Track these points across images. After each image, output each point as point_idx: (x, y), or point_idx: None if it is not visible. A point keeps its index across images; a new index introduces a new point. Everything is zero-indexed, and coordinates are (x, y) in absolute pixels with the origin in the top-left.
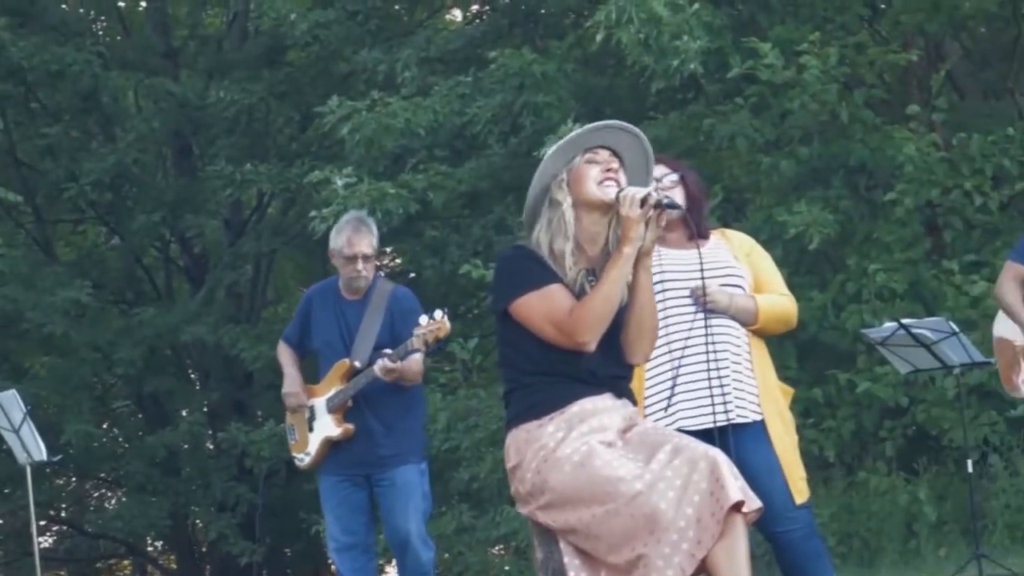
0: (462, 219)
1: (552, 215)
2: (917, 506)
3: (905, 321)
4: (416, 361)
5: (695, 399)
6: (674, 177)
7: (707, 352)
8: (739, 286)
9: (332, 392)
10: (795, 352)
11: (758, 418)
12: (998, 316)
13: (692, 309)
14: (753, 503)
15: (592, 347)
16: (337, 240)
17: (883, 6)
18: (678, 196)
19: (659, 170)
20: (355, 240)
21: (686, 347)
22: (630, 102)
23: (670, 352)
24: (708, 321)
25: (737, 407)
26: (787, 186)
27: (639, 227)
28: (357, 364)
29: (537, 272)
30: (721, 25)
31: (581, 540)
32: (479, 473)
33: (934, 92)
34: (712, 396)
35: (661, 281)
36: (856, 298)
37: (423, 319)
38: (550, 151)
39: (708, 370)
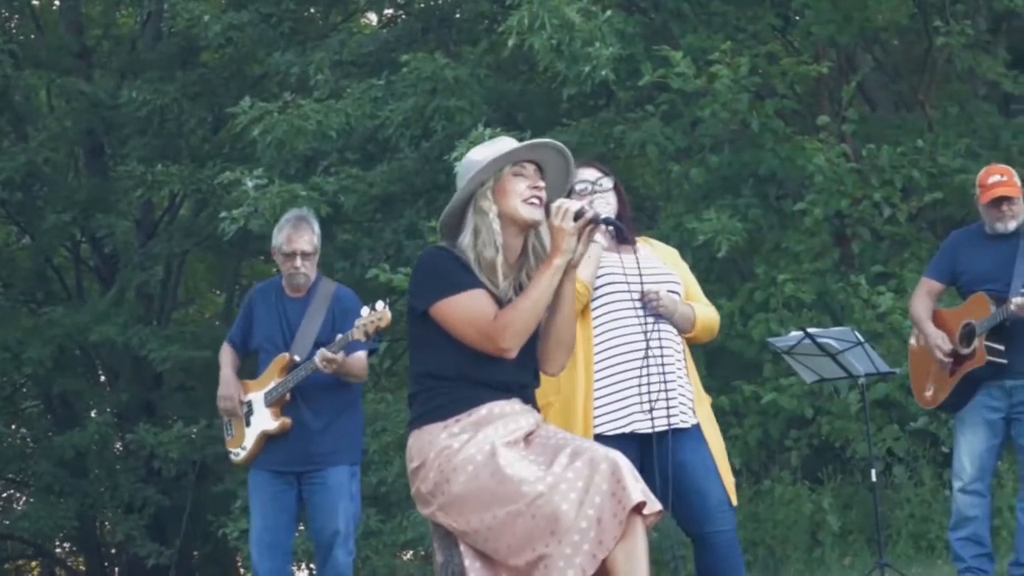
0: (374, 223)
1: (479, 223)
2: (822, 515)
3: (811, 330)
4: (360, 358)
5: (640, 403)
6: (609, 182)
7: (660, 356)
8: (679, 292)
9: (271, 386)
10: (703, 360)
11: (695, 422)
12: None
13: (638, 313)
14: (654, 505)
15: (514, 354)
16: (277, 237)
17: (795, 17)
18: (611, 200)
19: (592, 173)
20: (294, 237)
21: (647, 350)
22: (542, 108)
23: (623, 356)
24: (656, 326)
25: (680, 412)
26: (697, 194)
27: (571, 239)
28: (296, 358)
29: (462, 275)
30: (633, 32)
31: (482, 542)
32: (387, 477)
33: (844, 103)
34: (667, 399)
35: (608, 284)
36: (764, 307)
37: (364, 310)
38: (477, 158)
39: (654, 375)
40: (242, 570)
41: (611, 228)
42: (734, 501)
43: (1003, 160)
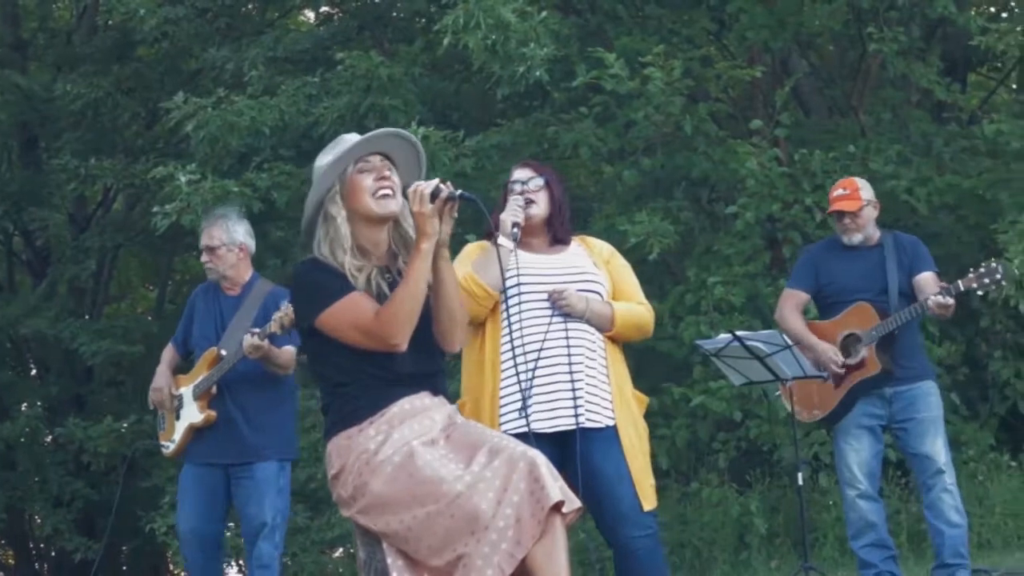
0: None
1: (328, 228)
2: (749, 518)
3: (739, 333)
4: (288, 351)
5: (549, 402)
6: (540, 181)
7: (567, 356)
8: (597, 292)
9: (199, 380)
10: (633, 361)
11: (610, 423)
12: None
13: (548, 313)
14: (573, 503)
15: (404, 346)
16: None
17: (730, 21)
18: (543, 200)
19: (524, 173)
20: (206, 232)
21: (542, 350)
22: (477, 107)
23: (526, 355)
24: (565, 325)
25: (588, 412)
26: (629, 196)
27: (432, 221)
28: (223, 352)
29: (334, 283)
30: (568, 34)
31: (402, 543)
32: (316, 474)
33: (777, 107)
34: (574, 399)
35: (518, 284)
36: (694, 310)
37: (283, 303)
38: (321, 164)
39: (562, 373)
40: (171, 566)
41: (516, 229)
42: (647, 506)
43: (935, 167)
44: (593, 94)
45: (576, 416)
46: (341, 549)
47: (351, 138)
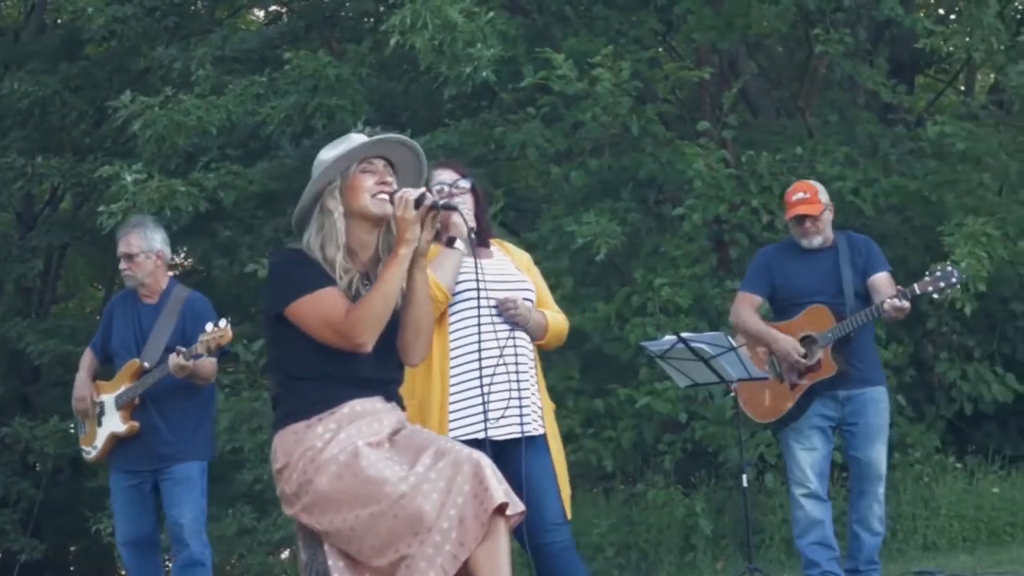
0: (255, 220)
1: (323, 221)
2: (694, 519)
3: (684, 335)
4: (210, 362)
5: (500, 410)
6: (465, 183)
7: (515, 364)
8: (532, 300)
9: (122, 390)
10: (578, 363)
11: (543, 431)
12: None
13: (498, 320)
14: (516, 506)
15: (369, 347)
16: None
17: (678, 22)
18: (468, 202)
19: (449, 175)
20: (123, 240)
21: (501, 356)
22: (425, 108)
23: (479, 363)
24: (512, 333)
25: (534, 419)
26: (576, 197)
27: (414, 228)
28: (146, 364)
29: (312, 275)
30: (516, 34)
31: (345, 543)
32: (262, 475)
33: (725, 109)
34: (520, 408)
35: (465, 291)
36: (641, 311)
37: (208, 326)
38: (325, 158)
39: (511, 382)
40: (117, 566)
41: (473, 234)
42: (569, 515)
43: (881, 168)
44: (541, 95)
45: (522, 424)
46: (288, 550)
47: (359, 137)
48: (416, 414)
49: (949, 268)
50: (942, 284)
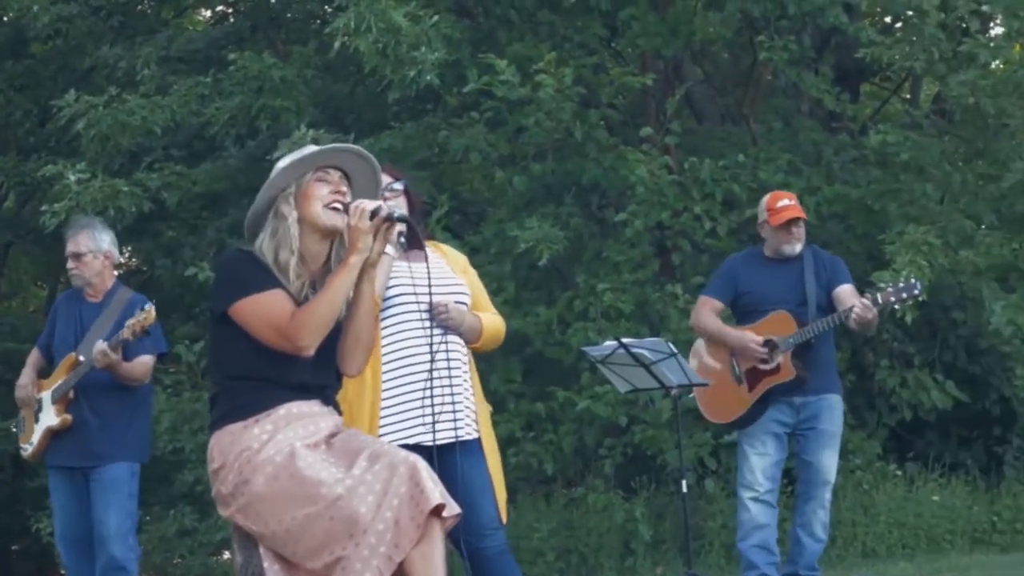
0: (199, 220)
1: (277, 226)
2: (634, 524)
3: (625, 340)
4: (142, 362)
5: (426, 415)
6: (398, 186)
7: (448, 368)
8: (465, 303)
9: (57, 384)
10: (520, 367)
11: (477, 435)
12: (695, 348)
13: (429, 324)
14: (452, 508)
15: (311, 351)
16: None
17: (622, 28)
18: (402, 205)
19: (383, 178)
20: (72, 239)
21: (433, 361)
22: (370, 110)
23: (410, 367)
24: (445, 337)
25: (465, 424)
26: (520, 201)
27: (367, 238)
28: (81, 358)
29: (260, 276)
30: (460, 38)
31: (280, 545)
32: (203, 476)
33: (668, 115)
34: (454, 412)
35: (397, 295)
36: (583, 316)
37: (138, 310)
38: (282, 163)
39: (444, 386)
40: (57, 565)
41: (402, 238)
42: (504, 519)
43: (824, 176)
44: (485, 99)
45: (456, 429)
46: (228, 552)
47: (314, 148)
48: (346, 418)
49: (912, 280)
50: (904, 295)
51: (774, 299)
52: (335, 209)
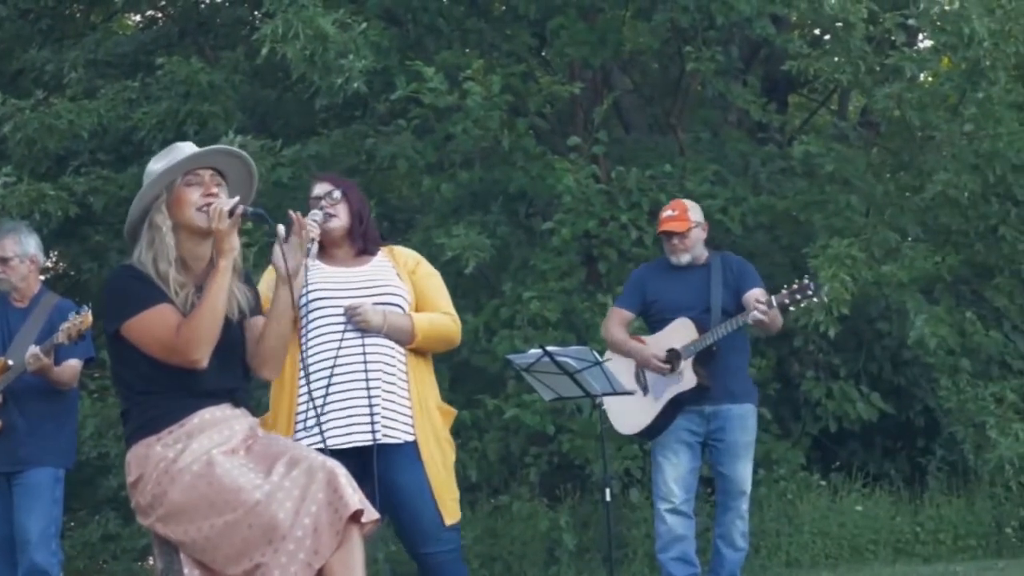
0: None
1: (152, 237)
2: (558, 532)
3: (549, 348)
4: (71, 366)
5: (345, 418)
6: (337, 194)
7: (364, 371)
8: (397, 305)
9: None
10: (448, 374)
11: (410, 439)
12: (606, 357)
13: (343, 327)
14: (371, 514)
15: (204, 363)
16: None
17: (552, 37)
18: (342, 212)
19: (322, 188)
20: None
21: (335, 365)
22: (297, 117)
23: (322, 371)
24: (362, 340)
25: (386, 427)
26: (447, 209)
27: (230, 238)
28: (11, 362)
29: (144, 292)
30: (389, 46)
31: (200, 552)
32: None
33: (595, 124)
34: (370, 415)
35: (318, 299)
36: (509, 323)
37: (71, 315)
38: (153, 169)
39: (359, 389)
40: None
41: (312, 244)
42: (448, 520)
43: (751, 187)
44: (413, 106)
45: (373, 432)
46: (152, 558)
47: (185, 147)
48: (271, 425)
49: (807, 281)
50: (798, 296)
51: (679, 307)
52: (206, 211)
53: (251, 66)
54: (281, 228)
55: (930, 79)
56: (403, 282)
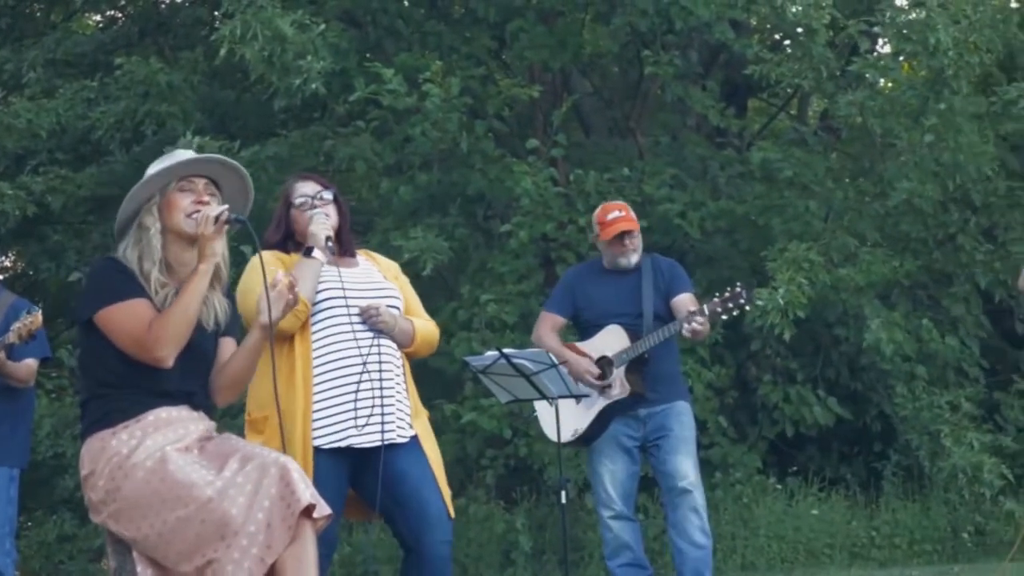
0: (85, 225)
1: (140, 236)
2: (514, 535)
3: (506, 351)
4: (27, 364)
5: (362, 417)
6: (328, 195)
7: (379, 371)
8: (397, 307)
9: None
10: None
11: (412, 435)
12: None
13: (361, 328)
14: (323, 509)
15: (169, 362)
16: None
17: (511, 40)
18: (332, 212)
19: (312, 187)
20: None
21: (367, 363)
22: (256, 118)
23: (340, 371)
24: (377, 341)
25: (398, 427)
26: (406, 211)
27: (214, 244)
28: None
29: (124, 285)
30: (348, 47)
31: (152, 549)
32: None
33: (554, 128)
34: (381, 414)
35: (328, 298)
36: (467, 326)
37: (23, 314)
38: (150, 170)
39: (375, 389)
40: None
41: (331, 244)
42: (452, 514)
43: (709, 191)
44: (372, 108)
45: (383, 432)
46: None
47: (185, 153)
48: (275, 425)
49: (738, 289)
50: (730, 304)
51: (611, 312)
52: (196, 218)
53: (210, 67)
54: (319, 254)
55: (891, 85)
56: (394, 286)
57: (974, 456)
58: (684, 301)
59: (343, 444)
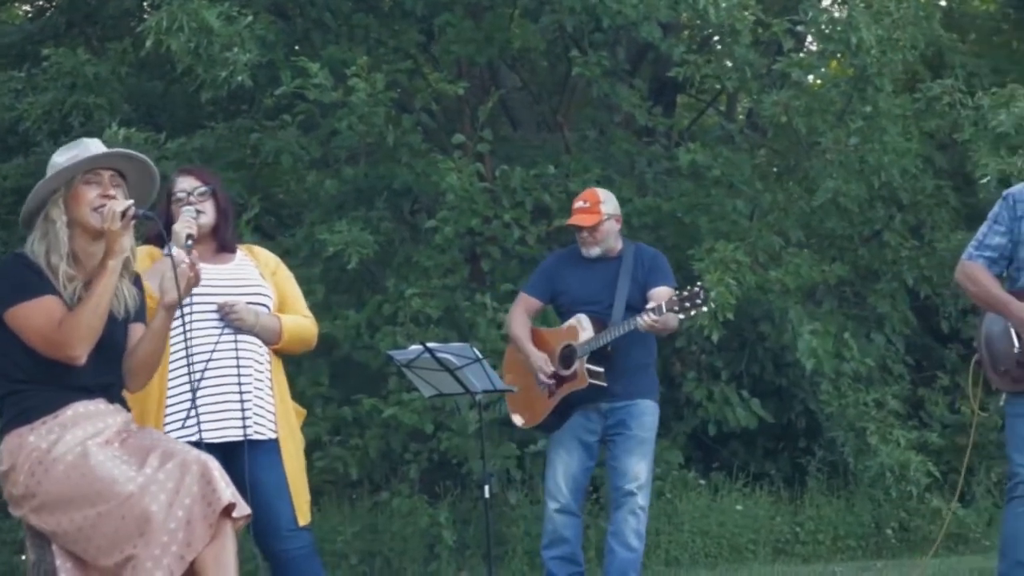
0: (11, 216)
1: (46, 229)
2: (437, 529)
3: (430, 345)
4: None
5: (218, 412)
6: (204, 190)
7: (236, 368)
8: (265, 305)
9: None
10: (327, 370)
11: (274, 436)
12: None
13: (218, 325)
14: (243, 509)
15: (82, 360)
16: None
17: (438, 34)
18: (209, 209)
19: (191, 183)
20: None
21: (210, 361)
22: (184, 110)
23: (193, 366)
24: (235, 338)
25: (256, 424)
26: (332, 204)
27: (122, 240)
28: None
29: (32, 282)
30: (275, 40)
31: (72, 543)
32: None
33: (480, 123)
34: (242, 411)
35: (190, 296)
36: (392, 320)
37: None
38: (56, 162)
39: (231, 385)
40: None
41: (190, 240)
42: (302, 521)
43: (636, 187)
44: (299, 101)
45: (244, 428)
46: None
47: (91, 144)
48: (136, 416)
49: (696, 289)
50: (687, 304)
51: (585, 300)
52: (102, 212)
53: (137, 58)
54: (179, 253)
55: (818, 83)
56: (266, 282)
57: (901, 454)
58: (660, 294)
59: (192, 439)
